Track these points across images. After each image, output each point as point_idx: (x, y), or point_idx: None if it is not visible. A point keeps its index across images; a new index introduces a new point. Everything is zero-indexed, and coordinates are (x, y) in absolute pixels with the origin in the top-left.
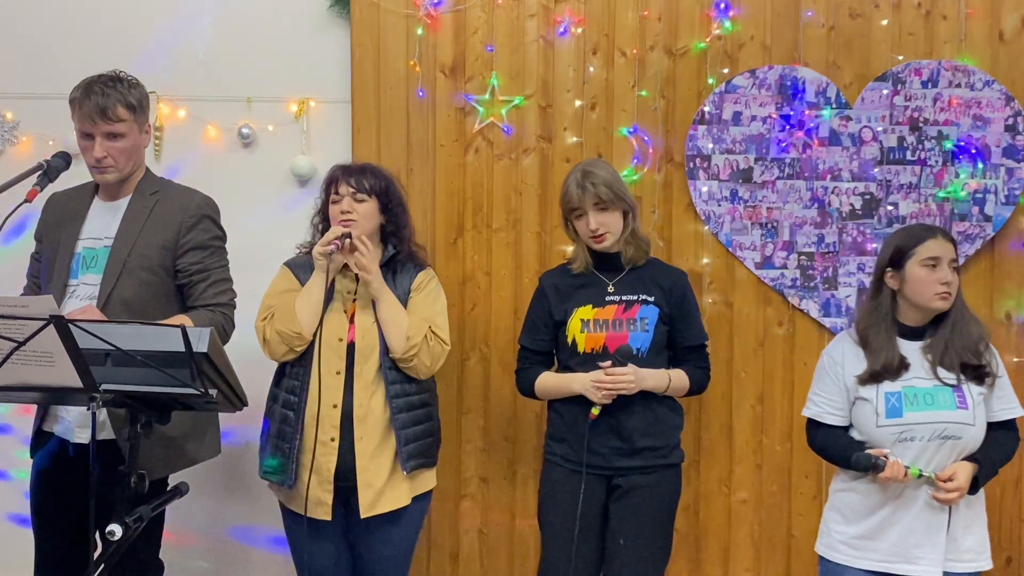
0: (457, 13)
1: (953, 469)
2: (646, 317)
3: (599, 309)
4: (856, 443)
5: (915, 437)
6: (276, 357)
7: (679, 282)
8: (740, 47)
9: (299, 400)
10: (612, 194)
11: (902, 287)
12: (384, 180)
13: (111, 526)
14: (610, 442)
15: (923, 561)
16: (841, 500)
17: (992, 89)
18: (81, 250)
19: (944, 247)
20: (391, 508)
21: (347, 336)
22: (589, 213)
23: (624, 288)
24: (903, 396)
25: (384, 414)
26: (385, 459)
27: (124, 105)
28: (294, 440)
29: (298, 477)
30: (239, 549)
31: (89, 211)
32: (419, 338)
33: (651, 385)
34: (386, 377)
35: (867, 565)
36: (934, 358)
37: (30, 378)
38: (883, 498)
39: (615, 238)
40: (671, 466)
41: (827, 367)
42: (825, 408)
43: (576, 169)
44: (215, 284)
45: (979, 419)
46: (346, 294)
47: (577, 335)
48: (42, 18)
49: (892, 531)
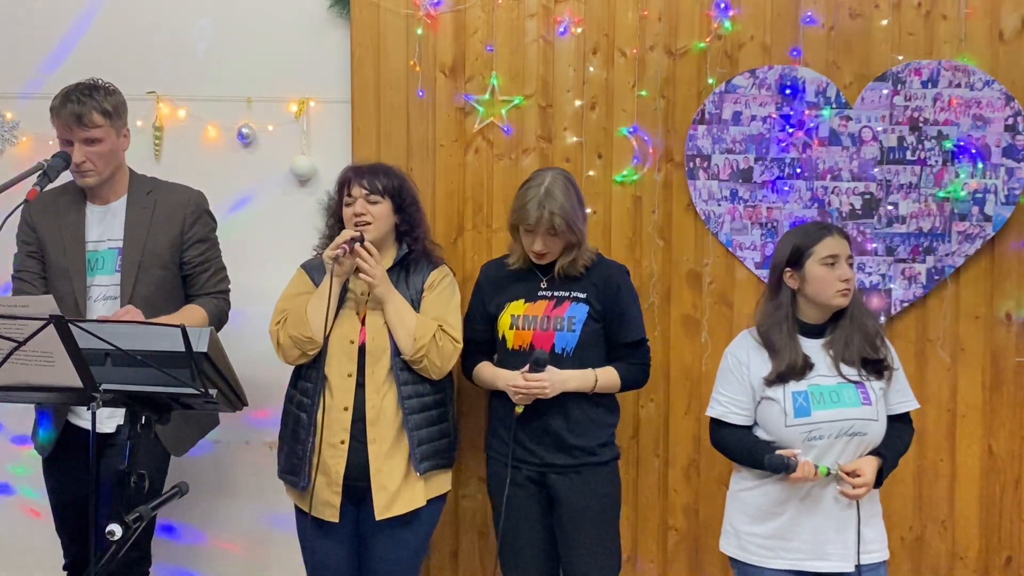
0: (457, 13)
1: (858, 464)
2: (574, 316)
3: (530, 304)
4: (762, 443)
5: (823, 435)
6: (290, 361)
7: (614, 277)
8: (740, 47)
9: (311, 402)
10: (566, 226)
11: (802, 286)
12: (397, 179)
13: (111, 526)
14: (539, 439)
15: (835, 556)
16: (745, 501)
17: (992, 89)
18: (87, 254)
19: (841, 244)
20: (406, 510)
21: (358, 338)
22: (539, 236)
23: (557, 284)
24: (810, 395)
25: (397, 415)
26: (399, 461)
27: (100, 112)
28: (307, 442)
29: (312, 479)
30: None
31: (87, 217)
32: (427, 339)
33: (574, 387)
34: (398, 378)
35: (782, 564)
36: (836, 354)
37: (30, 378)
38: (788, 496)
39: (553, 258)
40: (602, 463)
41: (732, 367)
42: (730, 408)
43: (539, 183)
44: (216, 273)
45: (881, 414)
46: (359, 295)
47: (507, 331)
48: (42, 18)
49: (803, 529)
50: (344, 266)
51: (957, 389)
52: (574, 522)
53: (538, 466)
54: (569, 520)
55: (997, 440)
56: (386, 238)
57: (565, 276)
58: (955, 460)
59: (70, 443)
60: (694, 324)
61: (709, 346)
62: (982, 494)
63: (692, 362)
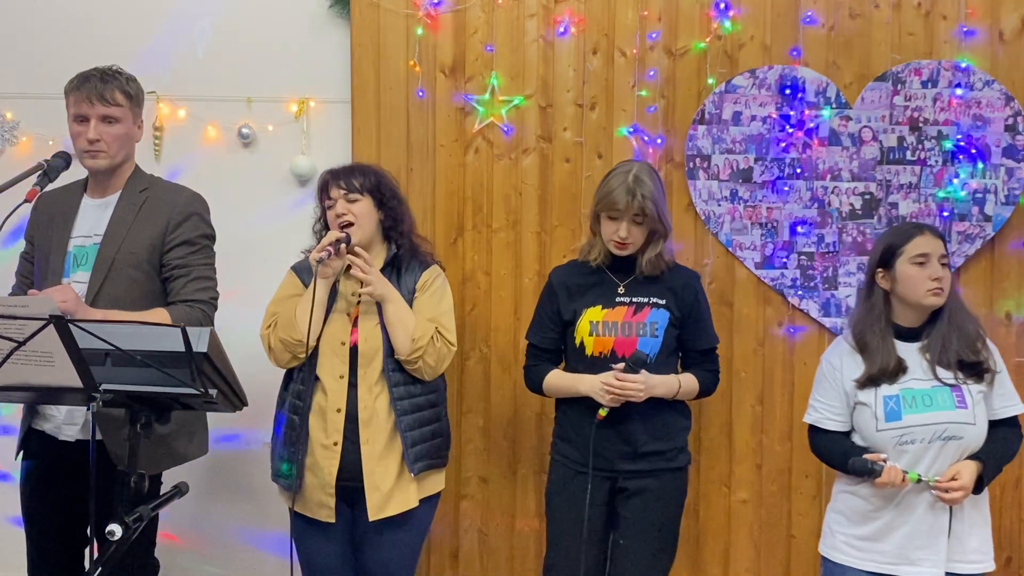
0: (457, 13)
1: (956, 469)
2: (656, 322)
3: (609, 310)
4: (856, 447)
5: (915, 440)
6: (281, 365)
7: (691, 284)
8: (740, 47)
9: (304, 404)
10: (656, 212)
11: (894, 287)
12: (374, 176)
13: (111, 526)
14: (615, 446)
15: (925, 563)
16: (844, 503)
17: (992, 89)
18: (72, 248)
19: (933, 243)
20: (400, 511)
21: (350, 340)
22: (625, 221)
23: (635, 289)
24: (901, 399)
25: (389, 416)
26: (392, 461)
27: (122, 92)
28: (299, 444)
29: (304, 481)
30: (244, 551)
31: (79, 209)
32: (425, 340)
33: (661, 393)
34: (390, 379)
35: (869, 566)
36: (932, 358)
37: (30, 378)
38: (885, 501)
39: (634, 250)
40: (676, 470)
41: (826, 373)
42: (825, 414)
43: (627, 170)
44: (196, 280)
45: (980, 418)
46: (350, 296)
47: (585, 338)
48: (42, 18)
49: (895, 534)
50: (331, 268)
51: None
52: (636, 524)
53: (611, 472)
54: (631, 522)
55: None
56: (374, 237)
57: (644, 279)
58: None
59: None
60: None
61: None
62: None
63: None
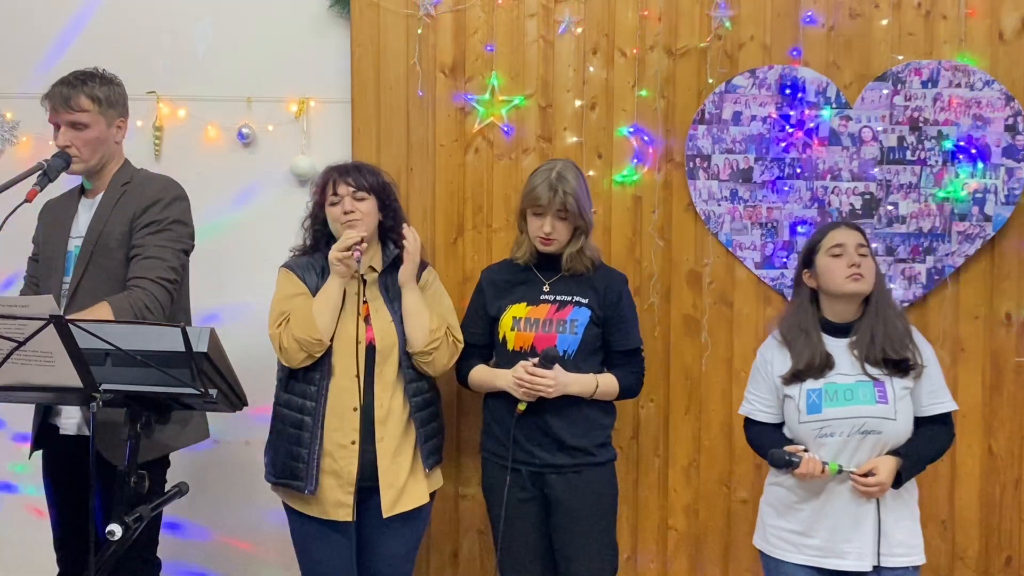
0: (457, 13)
1: (874, 463)
2: (576, 319)
3: (532, 307)
4: (783, 439)
5: (834, 432)
6: (293, 364)
7: (615, 285)
8: (740, 47)
9: (316, 405)
10: (577, 208)
11: (819, 283)
12: (379, 176)
13: (111, 526)
14: (538, 440)
15: (851, 555)
16: (773, 494)
17: (992, 89)
18: (72, 248)
19: (847, 234)
20: (413, 506)
21: (365, 338)
22: (549, 216)
23: (559, 288)
24: (823, 392)
25: (404, 413)
26: (405, 458)
27: (88, 97)
28: (313, 446)
29: (319, 482)
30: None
31: (77, 211)
32: (441, 332)
33: (576, 391)
34: (405, 376)
35: (802, 560)
36: (860, 353)
37: (30, 378)
38: (808, 493)
39: (560, 246)
40: (600, 464)
41: (759, 366)
42: (757, 406)
43: (550, 167)
44: (148, 259)
45: (901, 413)
46: (354, 295)
47: (507, 332)
48: (42, 18)
49: (822, 526)
50: (351, 267)
51: (957, 389)
52: (572, 523)
53: (536, 467)
54: (567, 521)
55: (997, 440)
56: (373, 236)
57: (570, 278)
58: (955, 460)
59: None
60: (694, 324)
61: (709, 346)
62: (982, 494)
63: (692, 362)
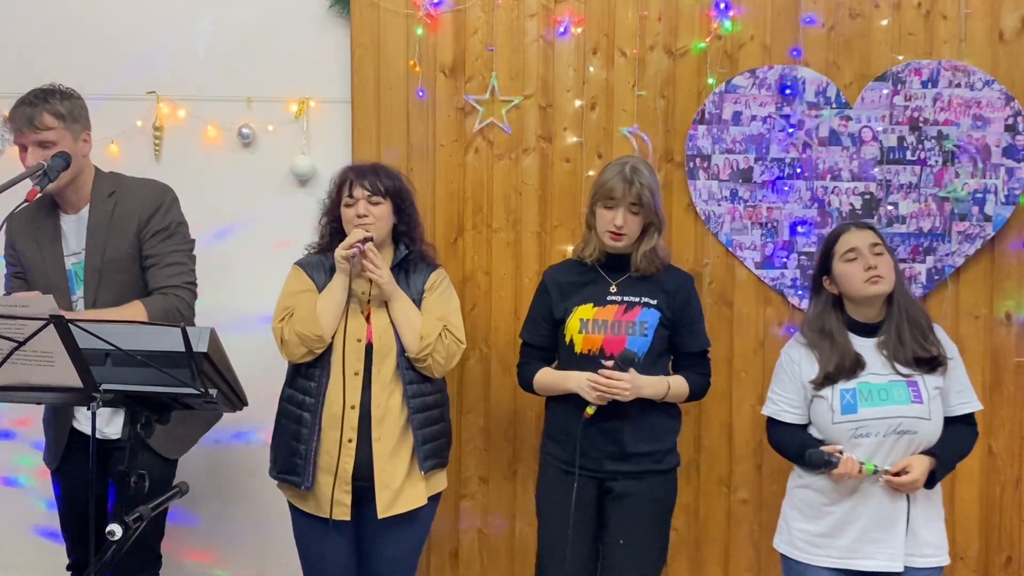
0: (457, 13)
1: (908, 462)
2: (646, 321)
3: (599, 308)
4: (813, 440)
5: (870, 433)
6: (294, 359)
7: (684, 286)
8: (740, 47)
9: (316, 401)
10: (652, 202)
11: (840, 288)
12: (396, 180)
13: (111, 526)
14: (603, 446)
15: (882, 555)
16: (799, 497)
17: (992, 89)
18: (71, 267)
19: (859, 236)
20: (408, 508)
21: (365, 337)
22: (621, 209)
23: (627, 289)
24: (858, 392)
25: (402, 414)
26: (402, 459)
27: (52, 114)
28: (311, 442)
29: (315, 479)
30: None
31: (63, 230)
32: (433, 337)
33: (648, 394)
34: (403, 377)
35: (828, 562)
36: (890, 352)
37: (30, 378)
38: (839, 495)
39: (629, 242)
40: (665, 471)
41: (785, 365)
42: (783, 406)
43: (623, 161)
44: (168, 267)
45: (935, 413)
46: (361, 295)
47: (575, 335)
48: (42, 18)
49: (851, 527)
50: (356, 265)
51: None
52: (628, 527)
53: (599, 473)
54: (623, 525)
55: (997, 440)
56: (386, 239)
57: (638, 279)
58: None
59: (75, 448)
60: None
61: None
62: (982, 494)
63: None
